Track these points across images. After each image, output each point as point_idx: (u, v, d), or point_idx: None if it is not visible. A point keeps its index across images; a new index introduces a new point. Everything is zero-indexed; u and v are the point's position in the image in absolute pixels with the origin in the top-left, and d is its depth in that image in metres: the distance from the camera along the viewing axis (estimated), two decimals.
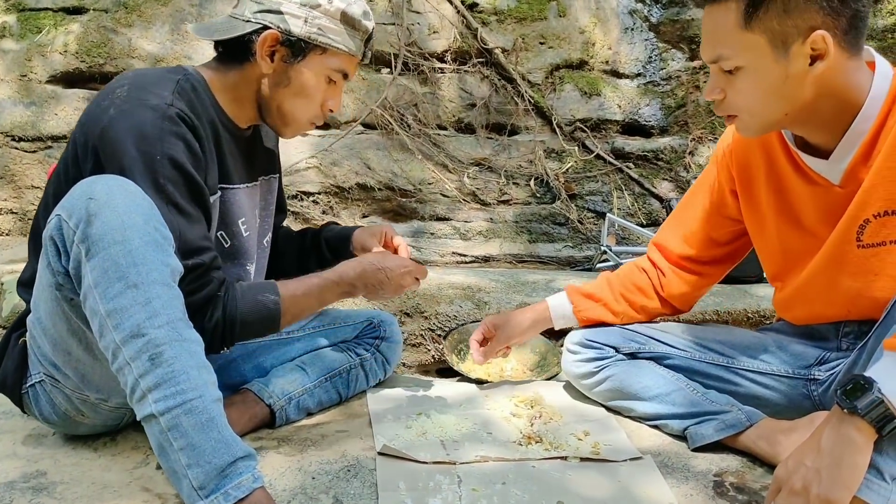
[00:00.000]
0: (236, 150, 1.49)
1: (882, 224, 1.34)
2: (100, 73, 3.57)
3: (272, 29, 1.37)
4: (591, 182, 4.03)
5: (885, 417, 1.02)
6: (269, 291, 1.39)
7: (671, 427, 1.59)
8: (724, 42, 1.28)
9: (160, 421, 1.11)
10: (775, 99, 1.30)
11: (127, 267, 1.12)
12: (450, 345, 2.15)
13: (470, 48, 4.04)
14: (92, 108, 1.33)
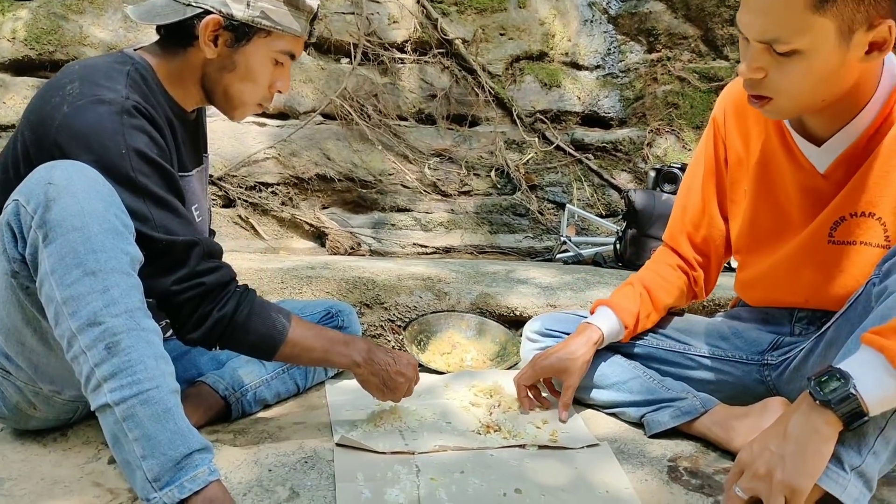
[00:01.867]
0: (186, 136, 1.47)
1: (856, 224, 1.36)
2: (50, 60, 3.48)
3: (213, 13, 1.33)
4: (552, 173, 4.06)
5: (856, 413, 1.03)
6: (283, 316, 1.37)
7: (628, 414, 1.61)
8: (787, 23, 1.18)
9: (115, 411, 1.09)
10: (823, 85, 1.25)
11: (85, 254, 1.10)
12: (410, 336, 2.15)
13: (430, 39, 4.03)
14: (40, 105, 1.28)
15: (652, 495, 1.30)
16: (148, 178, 1.25)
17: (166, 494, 1.08)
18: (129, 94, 1.27)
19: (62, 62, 3.47)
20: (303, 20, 1.42)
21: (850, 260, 1.39)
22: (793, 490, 1.04)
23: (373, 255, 3.66)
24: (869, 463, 1.07)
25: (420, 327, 2.19)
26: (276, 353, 1.36)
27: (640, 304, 1.63)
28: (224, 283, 1.30)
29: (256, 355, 1.39)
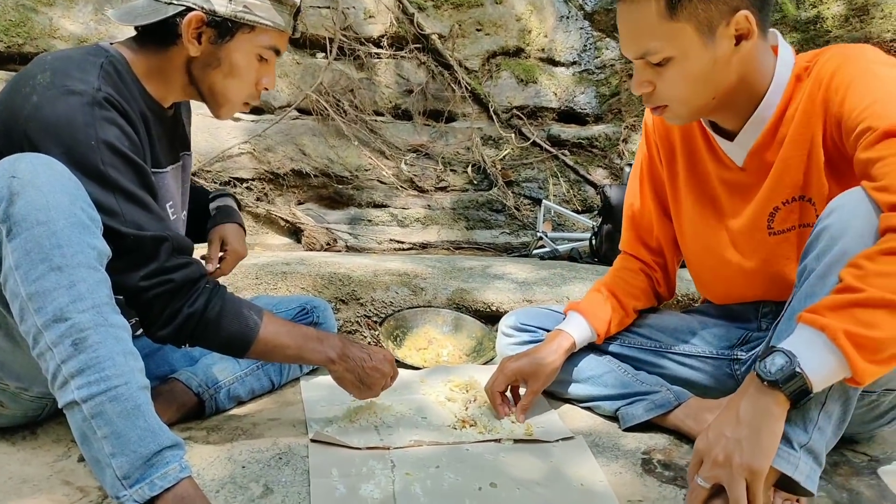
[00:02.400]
0: (161, 132, 1.44)
1: (790, 210, 1.40)
2: (19, 53, 3.41)
3: (196, 10, 1.32)
4: (528, 169, 4.07)
5: (802, 391, 1.06)
6: (255, 312, 1.35)
7: (603, 408, 1.62)
8: (649, 35, 1.27)
9: (83, 408, 1.07)
10: (704, 84, 1.31)
11: (50, 248, 1.07)
12: (386, 331, 2.14)
13: (406, 34, 4.02)
14: (10, 96, 1.25)
15: (626, 488, 1.31)
16: (119, 171, 1.23)
17: (136, 492, 1.07)
18: (101, 86, 1.25)
19: (31, 55, 3.41)
20: (286, 14, 1.40)
21: (793, 245, 1.42)
22: (752, 472, 1.06)
23: (349, 251, 3.64)
24: (815, 439, 1.10)
25: (396, 323, 2.19)
26: (249, 350, 1.34)
27: (610, 311, 1.65)
28: (193, 279, 1.28)
29: (228, 353, 1.37)
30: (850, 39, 3.75)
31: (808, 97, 1.31)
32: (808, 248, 1.18)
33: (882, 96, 1.17)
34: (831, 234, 1.12)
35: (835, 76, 1.26)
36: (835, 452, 1.47)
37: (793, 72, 1.34)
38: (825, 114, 1.29)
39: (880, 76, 1.21)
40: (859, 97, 1.20)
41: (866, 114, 1.17)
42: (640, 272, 1.72)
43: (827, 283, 1.10)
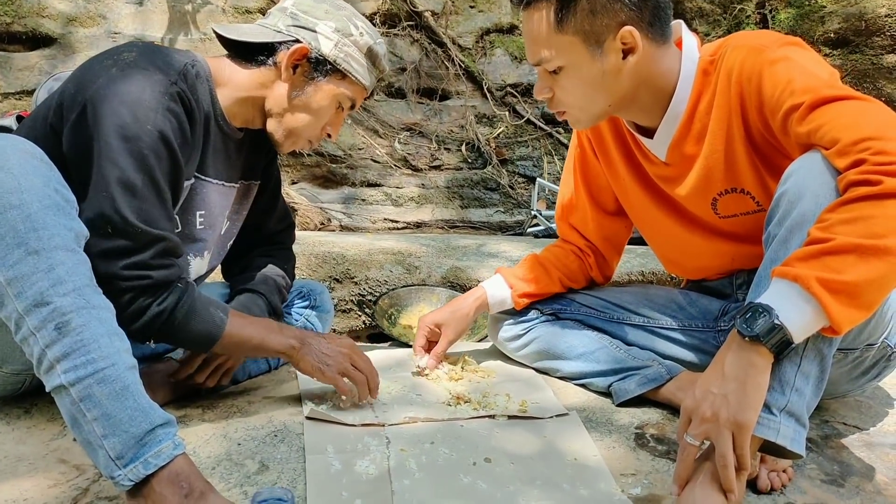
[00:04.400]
0: (221, 147, 1.47)
1: (729, 200, 1.45)
2: (7, 32, 3.38)
3: (303, 44, 1.41)
4: (522, 147, 4.06)
5: (783, 342, 1.08)
6: (220, 310, 1.36)
7: (596, 384, 1.63)
8: (542, 45, 1.36)
9: (71, 392, 1.06)
10: (597, 93, 1.38)
11: (26, 232, 1.06)
12: (380, 310, 2.14)
13: (399, 11, 3.99)
14: (90, 64, 1.30)
15: (619, 462, 1.33)
16: (157, 160, 1.25)
17: (131, 471, 1.07)
18: (177, 80, 1.30)
19: (20, 34, 3.39)
20: (373, 76, 1.50)
21: (745, 226, 1.47)
22: (739, 425, 1.08)
23: (343, 230, 3.64)
24: (794, 401, 1.12)
25: (391, 301, 2.19)
26: (214, 346, 1.36)
27: (528, 272, 1.75)
28: (169, 281, 1.29)
29: (194, 349, 1.39)
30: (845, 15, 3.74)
31: (721, 92, 1.36)
32: (770, 214, 1.20)
33: (795, 74, 1.22)
34: (789, 198, 1.15)
35: (743, 67, 1.31)
36: (825, 425, 1.49)
37: (699, 66, 1.39)
38: (742, 106, 1.33)
39: (787, 56, 1.26)
40: (774, 81, 1.25)
41: (787, 93, 1.22)
42: (572, 253, 1.78)
43: (790, 245, 1.13)
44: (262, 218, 1.69)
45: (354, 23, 1.46)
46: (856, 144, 1.08)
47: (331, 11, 1.45)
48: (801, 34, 3.90)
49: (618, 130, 1.59)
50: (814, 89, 1.18)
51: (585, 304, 1.73)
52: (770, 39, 1.32)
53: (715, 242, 1.53)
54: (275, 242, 1.73)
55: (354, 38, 1.45)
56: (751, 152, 1.37)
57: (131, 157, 1.22)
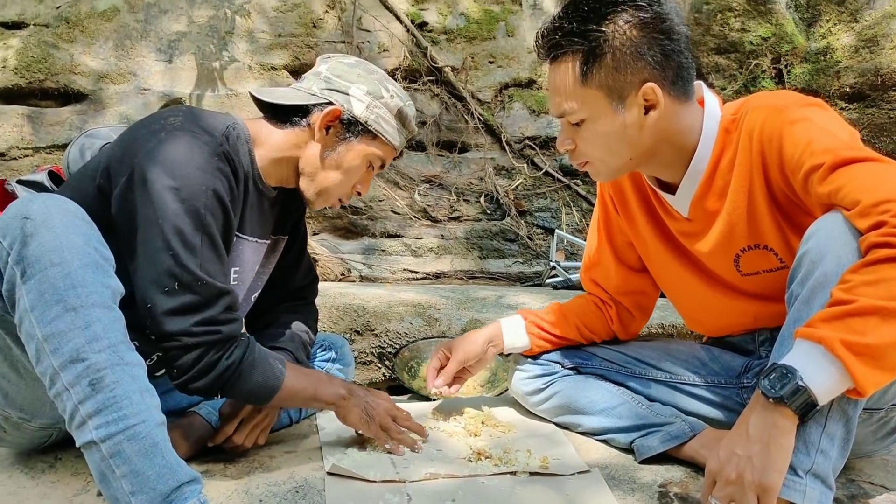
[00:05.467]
0: (257, 204, 1.52)
1: (752, 256, 1.45)
2: (40, 88, 3.49)
3: (336, 106, 1.47)
4: (541, 199, 4.09)
5: (808, 404, 1.08)
6: (279, 362, 1.40)
7: (618, 440, 1.62)
8: (566, 97, 1.39)
9: (101, 448, 1.08)
10: (619, 146, 1.40)
11: (65, 289, 1.09)
12: (401, 363, 2.15)
13: (420, 66, 4.08)
14: (136, 129, 1.35)
15: None
16: (214, 218, 1.30)
17: None
18: (223, 142, 1.35)
19: (52, 90, 3.49)
20: (403, 137, 1.57)
21: (769, 285, 1.47)
22: (764, 488, 1.08)
23: (363, 280, 3.66)
24: (819, 463, 1.11)
25: (410, 354, 2.20)
26: (273, 398, 1.39)
27: (546, 313, 1.78)
28: (235, 335, 1.33)
29: (253, 401, 1.42)
30: (860, 70, 3.77)
31: (743, 150, 1.38)
32: (793, 273, 1.21)
33: (815, 135, 1.24)
34: (811, 258, 1.16)
35: (764, 127, 1.33)
36: (851, 484, 1.46)
37: (720, 124, 1.41)
38: (764, 164, 1.35)
39: (807, 117, 1.28)
40: (794, 141, 1.27)
41: (807, 153, 1.23)
42: (592, 304, 1.80)
43: (813, 306, 1.13)
44: (288, 272, 1.72)
45: (385, 86, 1.51)
46: (876, 206, 1.09)
47: (363, 75, 1.51)
48: (816, 89, 3.93)
49: (639, 186, 1.61)
50: (834, 150, 1.19)
51: (607, 358, 1.72)
52: (791, 100, 1.34)
53: (737, 301, 1.53)
54: (299, 297, 1.76)
55: (385, 101, 1.50)
56: (773, 209, 1.38)
57: (189, 217, 1.26)
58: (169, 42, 3.69)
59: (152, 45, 3.67)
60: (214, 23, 3.76)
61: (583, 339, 1.76)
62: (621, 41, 1.33)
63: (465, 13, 4.29)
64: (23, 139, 3.42)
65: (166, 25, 3.70)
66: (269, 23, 3.86)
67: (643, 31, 1.33)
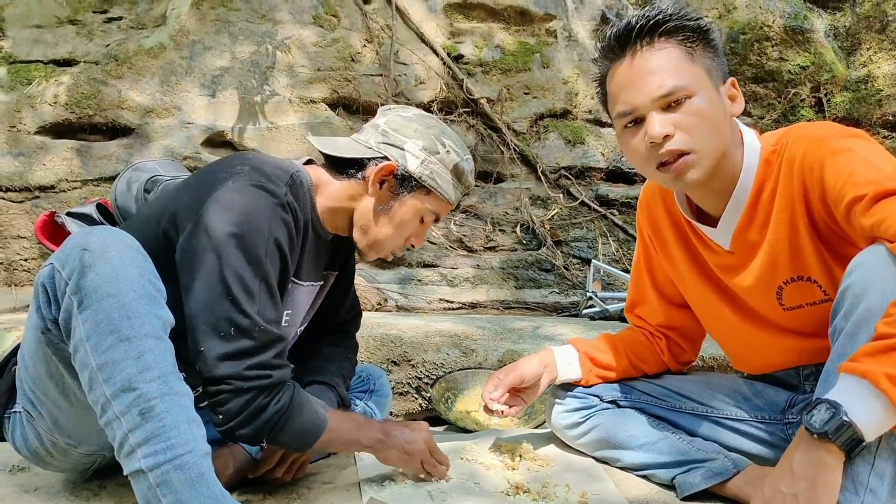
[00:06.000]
0: (314, 249, 1.54)
1: (795, 289, 1.43)
2: (89, 123, 3.61)
3: (391, 162, 1.48)
4: (577, 228, 4.08)
5: (854, 440, 1.06)
6: (321, 406, 1.41)
7: (659, 476, 1.59)
8: (674, 74, 1.33)
9: (149, 477, 1.10)
10: (720, 131, 1.36)
11: (120, 320, 1.12)
12: (437, 394, 2.15)
13: (456, 98, 4.12)
14: (204, 174, 1.39)
15: None
16: (273, 266, 1.33)
17: None
18: (287, 192, 1.38)
19: (101, 125, 3.61)
20: (459, 191, 1.57)
21: (813, 319, 1.44)
22: None
23: (399, 310, 3.68)
24: (868, 502, 1.09)
25: (447, 385, 2.20)
26: (315, 443, 1.39)
27: (598, 342, 1.75)
28: (284, 381, 1.33)
29: (295, 448, 1.41)
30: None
31: (784, 181, 1.36)
32: (836, 307, 1.19)
33: (857, 166, 1.22)
34: (854, 292, 1.15)
35: (805, 158, 1.32)
36: None
37: (761, 155, 1.41)
38: (805, 195, 1.33)
39: (848, 148, 1.27)
40: (836, 172, 1.25)
41: (849, 184, 1.22)
42: (641, 335, 1.77)
43: (857, 340, 1.12)
44: (334, 306, 1.74)
45: (442, 140, 1.52)
46: None
47: (420, 130, 1.51)
48: (857, 117, 3.88)
49: (676, 222, 1.60)
50: (877, 181, 1.18)
51: (646, 391, 1.70)
52: (832, 131, 1.33)
53: (780, 338, 1.50)
54: (342, 331, 1.78)
55: (441, 156, 1.51)
56: (816, 240, 1.36)
57: (250, 265, 1.28)
58: (212, 77, 3.79)
59: (196, 81, 3.77)
60: (256, 58, 3.86)
61: (634, 371, 1.74)
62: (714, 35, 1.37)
63: (501, 45, 4.34)
64: (72, 172, 3.53)
65: (210, 61, 3.81)
66: (308, 57, 3.95)
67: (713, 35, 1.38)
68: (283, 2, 4.03)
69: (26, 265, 3.45)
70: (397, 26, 4.13)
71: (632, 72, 1.37)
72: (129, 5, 3.98)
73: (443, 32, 4.28)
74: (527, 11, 4.40)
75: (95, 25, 3.89)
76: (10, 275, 3.42)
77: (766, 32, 4.14)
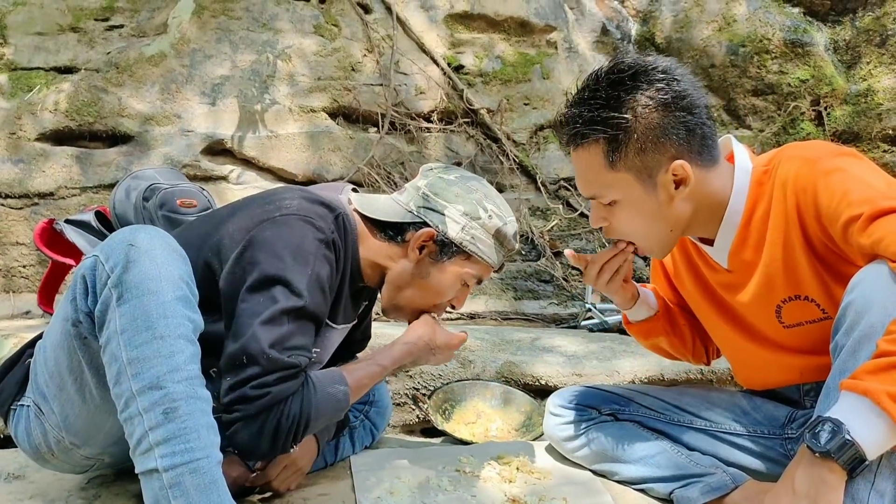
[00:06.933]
0: (350, 294, 1.53)
1: (793, 307, 1.42)
2: (89, 131, 3.61)
3: (431, 227, 1.46)
4: (576, 239, 4.08)
5: (856, 459, 1.06)
6: (338, 382, 1.39)
7: (657, 490, 1.59)
8: (596, 181, 1.38)
9: (162, 477, 1.10)
10: (655, 223, 1.40)
11: (157, 318, 1.13)
12: (434, 405, 2.14)
13: (456, 108, 4.13)
14: (253, 203, 1.40)
15: None
16: (313, 300, 1.31)
17: None
18: (334, 230, 1.38)
19: (101, 133, 3.61)
20: (501, 255, 1.55)
21: (813, 336, 1.43)
22: None
23: None
24: None
25: (445, 396, 2.19)
26: (347, 408, 1.40)
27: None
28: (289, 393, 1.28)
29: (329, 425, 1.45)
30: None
31: (777, 202, 1.36)
32: (837, 323, 1.19)
33: (851, 185, 1.22)
34: (856, 308, 1.15)
35: (798, 178, 1.31)
36: None
37: (752, 177, 1.40)
38: (800, 216, 1.33)
39: (840, 167, 1.27)
40: (830, 192, 1.25)
41: (843, 204, 1.22)
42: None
43: (859, 357, 1.12)
44: (351, 331, 1.72)
45: (484, 205, 1.49)
46: None
47: (461, 195, 1.49)
48: (857, 131, 3.89)
49: (681, 241, 1.60)
50: (871, 200, 1.18)
51: (645, 404, 1.70)
52: (823, 150, 1.33)
53: (781, 356, 1.50)
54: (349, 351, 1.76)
55: (482, 221, 1.49)
56: (812, 260, 1.36)
57: (293, 296, 1.28)
58: (213, 86, 3.79)
59: (196, 89, 3.78)
60: (257, 67, 3.86)
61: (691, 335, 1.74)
62: (644, 125, 1.31)
63: (501, 56, 4.35)
64: (71, 179, 3.52)
65: (210, 70, 3.82)
66: (309, 66, 3.95)
67: (665, 112, 1.31)
68: (283, 11, 4.04)
69: (24, 272, 3.44)
70: (398, 36, 4.14)
71: (573, 163, 1.43)
72: (130, 13, 3.98)
73: (443, 43, 4.29)
74: (527, 23, 4.41)
75: (97, 33, 3.90)
76: (9, 281, 3.41)
77: (766, 45, 4.16)
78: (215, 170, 3.71)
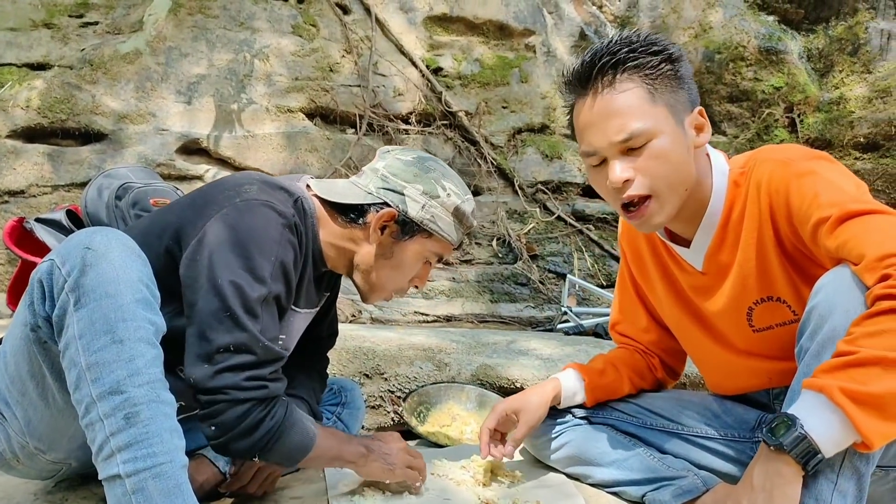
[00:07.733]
0: (312, 278, 1.53)
1: (764, 310, 1.44)
2: (62, 128, 3.56)
3: (391, 207, 1.47)
4: (553, 243, 4.09)
5: (809, 453, 1.08)
6: (311, 422, 1.38)
7: (629, 493, 1.59)
8: (635, 116, 1.33)
9: (125, 483, 1.07)
10: (683, 168, 1.36)
11: (115, 321, 1.11)
12: (409, 407, 2.13)
13: (434, 111, 4.13)
14: (213, 193, 1.37)
15: None
16: (277, 287, 1.31)
17: None
18: (294, 215, 1.37)
19: (74, 130, 3.56)
20: (461, 232, 1.56)
21: (782, 340, 1.45)
22: None
23: (374, 322, 3.66)
24: None
25: (420, 399, 2.18)
26: (305, 459, 1.36)
27: (599, 366, 1.71)
28: (279, 394, 1.30)
29: (284, 462, 1.38)
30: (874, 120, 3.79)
31: (751, 203, 1.38)
32: (802, 327, 1.21)
33: (821, 188, 1.25)
34: (820, 312, 1.17)
35: (772, 180, 1.34)
36: None
37: (729, 178, 1.42)
38: (773, 217, 1.35)
39: (812, 170, 1.29)
40: (801, 193, 1.27)
41: (814, 206, 1.24)
42: (636, 352, 1.76)
43: (822, 359, 1.14)
44: (314, 326, 1.71)
45: (442, 184, 1.50)
46: (881, 260, 1.10)
47: (419, 175, 1.50)
48: (830, 139, 3.95)
49: (651, 242, 1.61)
50: (840, 203, 1.20)
51: (618, 408, 1.70)
52: (797, 153, 1.35)
53: (750, 361, 1.51)
54: (317, 347, 1.75)
55: (441, 199, 1.49)
56: (783, 261, 1.38)
57: (257, 283, 1.26)
58: (188, 84, 3.76)
59: (172, 87, 3.74)
60: (234, 66, 3.84)
61: (633, 390, 1.73)
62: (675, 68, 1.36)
63: (480, 59, 4.36)
64: (42, 177, 3.47)
65: (186, 68, 3.78)
66: (286, 67, 3.93)
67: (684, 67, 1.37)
68: (261, 10, 4.02)
69: None
70: (377, 38, 4.13)
71: (594, 113, 1.37)
72: (105, 10, 3.94)
73: (422, 45, 4.29)
74: (506, 26, 4.43)
75: (71, 29, 3.85)
76: None
77: (741, 52, 4.21)
78: (190, 169, 3.68)
